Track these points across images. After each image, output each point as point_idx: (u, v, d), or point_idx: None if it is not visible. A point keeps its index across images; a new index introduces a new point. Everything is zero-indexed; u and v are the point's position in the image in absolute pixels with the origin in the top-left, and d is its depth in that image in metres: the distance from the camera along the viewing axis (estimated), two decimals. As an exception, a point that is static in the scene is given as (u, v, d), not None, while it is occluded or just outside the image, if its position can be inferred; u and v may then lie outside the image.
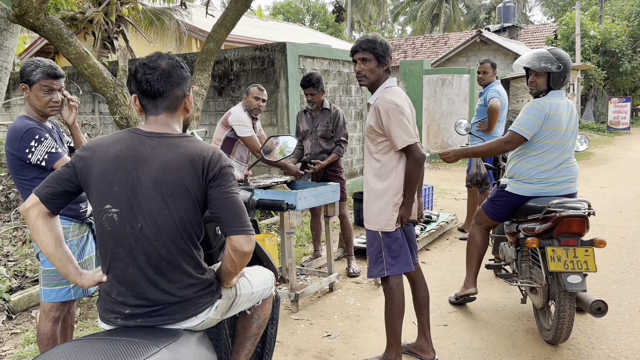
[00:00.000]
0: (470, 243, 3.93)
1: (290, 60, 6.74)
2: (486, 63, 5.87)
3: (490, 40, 19.98)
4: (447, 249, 5.62)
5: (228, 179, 1.75)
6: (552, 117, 3.36)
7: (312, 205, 4.02)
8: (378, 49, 2.85)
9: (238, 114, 4.47)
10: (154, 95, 1.78)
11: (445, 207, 7.68)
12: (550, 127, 3.38)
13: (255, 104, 4.52)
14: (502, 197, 3.64)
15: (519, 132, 3.41)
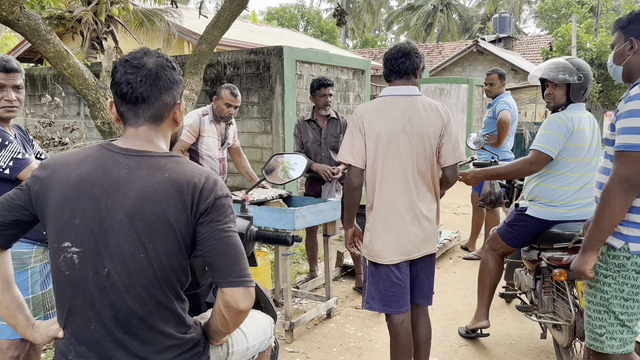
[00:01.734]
0: (482, 270, 3.57)
1: (287, 65, 6.39)
2: (493, 74, 5.53)
3: (487, 50, 19.79)
4: (451, 270, 5.27)
5: (224, 213, 1.37)
6: (575, 132, 3.04)
7: (311, 225, 3.66)
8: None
9: (190, 115, 4.07)
10: (135, 100, 1.39)
11: (446, 223, 7.34)
12: (575, 144, 3.05)
13: (226, 111, 4.04)
14: (522, 222, 3.30)
15: (544, 151, 3.06)
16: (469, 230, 6.04)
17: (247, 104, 6.77)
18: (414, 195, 2.54)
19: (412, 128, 2.51)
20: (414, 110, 2.53)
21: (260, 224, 3.63)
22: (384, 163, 2.52)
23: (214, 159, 4.18)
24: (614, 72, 2.27)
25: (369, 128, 2.52)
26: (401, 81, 2.58)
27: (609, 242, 2.16)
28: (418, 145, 2.52)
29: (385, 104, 2.58)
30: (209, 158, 4.14)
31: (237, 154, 4.45)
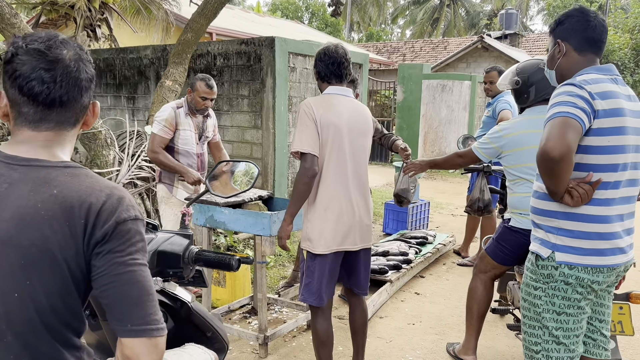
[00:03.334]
0: (470, 297, 3.30)
1: (278, 56, 6.10)
2: (492, 71, 5.23)
3: (492, 47, 19.42)
4: (444, 277, 5.01)
5: (129, 241, 1.08)
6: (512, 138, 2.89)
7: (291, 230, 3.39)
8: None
9: (164, 109, 3.83)
10: (50, 104, 1.13)
11: (442, 225, 7.07)
12: (515, 149, 2.89)
13: (201, 104, 3.80)
14: (510, 235, 3.03)
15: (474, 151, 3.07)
16: (463, 234, 5.76)
17: (237, 97, 6.50)
18: (356, 187, 2.71)
19: (355, 125, 2.71)
20: (354, 110, 2.75)
21: (234, 229, 3.37)
22: (332, 154, 2.62)
23: (192, 154, 3.91)
24: (550, 77, 2.18)
25: (323, 119, 2.59)
26: (340, 84, 2.74)
27: (537, 251, 2.04)
28: (358, 141, 2.72)
29: (333, 100, 2.69)
30: (186, 153, 3.88)
31: (217, 149, 4.18)
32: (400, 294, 4.50)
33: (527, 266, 2.12)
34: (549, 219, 2.01)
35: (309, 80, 6.65)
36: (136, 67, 7.58)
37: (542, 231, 2.04)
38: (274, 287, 4.50)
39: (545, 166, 1.82)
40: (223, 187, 1.66)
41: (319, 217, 2.67)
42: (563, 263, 1.96)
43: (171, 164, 3.75)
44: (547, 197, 1.97)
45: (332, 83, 2.72)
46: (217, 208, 3.39)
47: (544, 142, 1.81)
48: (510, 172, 2.98)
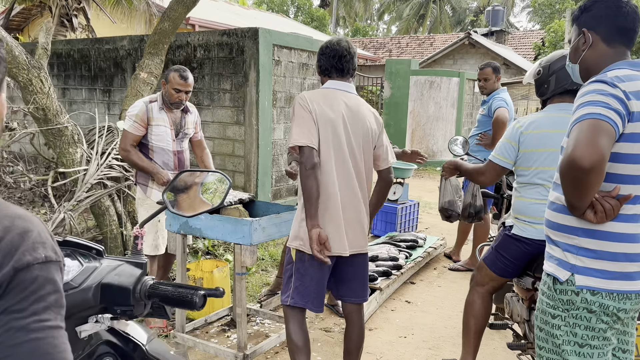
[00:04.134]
0: (467, 312, 3.03)
1: (262, 49, 5.78)
2: (487, 68, 4.96)
3: (479, 43, 19.27)
4: (435, 283, 4.75)
5: (33, 295, 0.76)
6: (530, 136, 2.64)
7: (273, 238, 3.10)
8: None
9: (135, 104, 3.54)
10: None
11: (432, 226, 6.83)
12: (531, 149, 2.63)
13: (175, 97, 3.48)
14: (511, 244, 2.77)
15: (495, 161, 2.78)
16: (455, 236, 5.51)
17: (219, 91, 6.16)
18: (356, 188, 2.52)
19: (355, 123, 2.50)
20: (355, 107, 2.53)
21: (211, 236, 3.06)
22: (330, 150, 2.43)
23: (167, 151, 3.59)
24: (572, 72, 1.89)
25: (320, 113, 2.42)
26: (342, 78, 2.57)
27: (553, 273, 1.75)
28: (358, 141, 2.51)
29: (330, 94, 2.52)
30: (160, 150, 3.56)
31: (199, 148, 3.87)
32: (390, 302, 4.24)
33: (542, 289, 1.85)
34: (567, 236, 1.74)
35: (294, 74, 6.34)
36: (112, 59, 7.20)
37: (559, 249, 1.76)
38: (256, 295, 4.20)
39: (572, 176, 1.54)
40: (190, 200, 1.35)
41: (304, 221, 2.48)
42: (585, 288, 1.69)
43: (142, 163, 3.46)
44: (566, 210, 1.70)
45: (333, 77, 2.56)
46: (192, 213, 3.08)
47: (571, 148, 1.53)
48: (522, 173, 2.72)
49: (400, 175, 6.07)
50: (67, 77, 7.82)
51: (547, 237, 1.85)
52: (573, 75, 1.88)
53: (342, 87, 2.55)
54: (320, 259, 2.35)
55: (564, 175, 1.57)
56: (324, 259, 2.36)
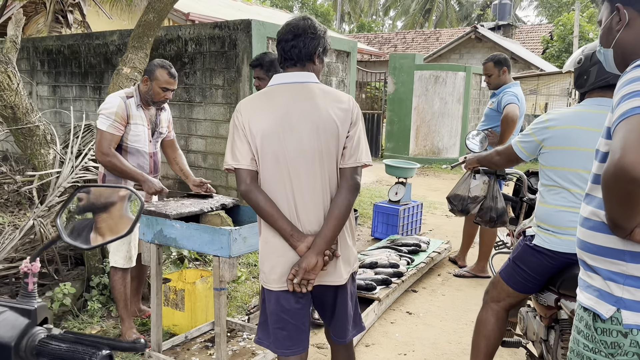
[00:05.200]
0: (478, 331, 2.70)
1: (256, 42, 5.46)
2: (488, 63, 4.59)
3: (486, 38, 18.86)
4: (439, 291, 4.43)
5: None
6: (558, 131, 2.38)
7: (256, 249, 2.78)
8: None
9: (111, 100, 3.18)
10: None
11: (436, 228, 6.50)
12: (559, 146, 2.37)
13: (161, 95, 3.23)
14: (532, 256, 2.45)
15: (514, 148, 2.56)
16: (460, 238, 5.18)
17: (211, 87, 5.86)
18: (308, 208, 2.04)
19: (300, 121, 2.01)
20: (304, 99, 2.04)
21: (187, 247, 2.76)
22: (264, 167, 2.04)
23: (143, 153, 3.29)
24: (605, 58, 1.53)
25: (252, 125, 2.01)
26: (295, 68, 2.10)
27: (593, 308, 1.39)
28: (309, 143, 2.01)
29: (268, 95, 2.08)
30: (136, 152, 3.26)
31: (171, 148, 3.57)
32: (390, 313, 3.92)
33: (577, 327, 1.48)
34: (610, 261, 1.37)
35: (290, 69, 6.02)
36: (102, 54, 6.91)
37: (600, 278, 1.40)
38: (245, 306, 3.90)
39: (619, 189, 1.20)
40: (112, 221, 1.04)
41: (266, 246, 2.10)
42: (635, 327, 1.33)
43: (127, 169, 3.12)
44: (606, 229, 1.35)
45: (286, 69, 2.11)
46: (166, 221, 2.78)
47: (619, 153, 1.19)
48: (547, 174, 2.41)
49: (402, 175, 5.75)
50: (58, 74, 7.55)
51: (581, 262, 1.49)
52: (606, 62, 1.51)
53: (290, 78, 2.06)
54: (299, 290, 2.01)
55: (609, 187, 1.22)
56: (303, 289, 2.01)
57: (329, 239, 2.01)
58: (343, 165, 2.06)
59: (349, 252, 2.15)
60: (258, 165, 2.02)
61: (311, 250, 1.99)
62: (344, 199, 2.03)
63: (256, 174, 2.03)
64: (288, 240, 2.01)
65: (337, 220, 2.01)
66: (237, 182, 2.03)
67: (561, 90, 14.29)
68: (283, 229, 2.00)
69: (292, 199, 2.02)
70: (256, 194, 2.00)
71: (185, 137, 6.18)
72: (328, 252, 2.01)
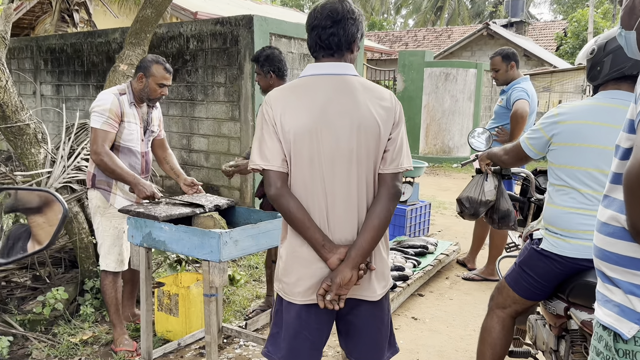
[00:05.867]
0: (483, 340, 2.53)
1: (258, 38, 5.33)
2: (495, 57, 4.37)
3: (498, 34, 18.57)
4: (446, 295, 4.25)
5: None
6: (569, 127, 2.23)
7: (249, 252, 2.64)
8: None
9: (104, 97, 3.04)
10: None
11: (445, 229, 6.31)
12: (569, 143, 2.21)
13: (158, 92, 3.11)
14: (539, 261, 2.28)
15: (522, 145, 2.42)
16: (470, 240, 5.00)
17: (213, 85, 5.73)
18: (335, 215, 1.82)
19: (338, 118, 1.79)
20: (343, 93, 1.81)
21: (176, 251, 2.62)
22: (297, 172, 1.81)
23: (135, 153, 3.16)
24: (627, 42, 1.31)
25: (285, 120, 1.77)
26: (332, 58, 1.86)
27: (613, 327, 1.20)
28: (349, 143, 1.79)
29: (302, 87, 1.84)
30: (128, 152, 3.12)
31: (161, 148, 3.44)
32: (395, 318, 3.75)
33: (595, 348, 1.29)
34: (633, 273, 1.19)
35: (294, 66, 5.88)
36: (105, 53, 6.82)
37: (621, 291, 1.21)
38: (243, 311, 3.76)
39: None
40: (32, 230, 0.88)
41: (293, 254, 1.86)
42: None
43: (118, 169, 2.95)
44: (628, 235, 1.16)
45: (320, 58, 1.87)
46: (155, 223, 2.65)
47: None
48: (556, 173, 2.25)
49: (409, 174, 5.57)
50: (61, 74, 7.48)
51: (599, 273, 1.31)
52: (627, 47, 1.31)
53: (327, 69, 1.83)
54: (332, 307, 1.80)
55: (632, 187, 1.05)
56: (336, 306, 1.80)
57: (366, 251, 1.78)
58: (383, 171, 1.84)
59: (383, 266, 1.92)
60: (289, 166, 1.81)
61: (345, 264, 1.76)
62: (384, 208, 1.81)
63: (287, 176, 1.81)
64: (319, 252, 1.79)
65: (375, 231, 1.79)
66: (266, 185, 1.81)
67: (575, 87, 13.99)
68: (314, 238, 1.78)
69: (324, 204, 1.81)
70: (287, 199, 1.79)
71: (187, 136, 6.06)
72: (363, 266, 1.80)
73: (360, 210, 1.83)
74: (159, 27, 6.12)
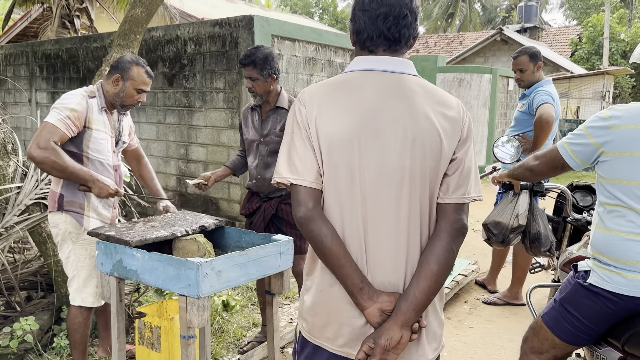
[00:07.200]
0: None
1: (259, 40, 4.95)
2: (521, 56, 3.91)
3: (512, 40, 18.12)
4: (466, 323, 3.81)
5: None
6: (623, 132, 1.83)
7: (235, 285, 2.24)
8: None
9: (69, 96, 2.60)
10: None
11: (462, 244, 5.84)
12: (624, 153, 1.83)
13: (135, 98, 2.70)
14: (585, 298, 1.87)
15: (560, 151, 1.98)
16: (490, 257, 4.55)
17: (211, 91, 5.36)
18: (376, 250, 1.42)
19: (390, 127, 1.39)
20: (398, 96, 1.41)
21: (150, 283, 2.22)
22: (331, 191, 1.42)
23: (107, 167, 2.72)
24: None
25: (318, 128, 1.40)
26: (391, 52, 1.47)
27: None
28: (401, 159, 1.39)
29: (346, 85, 1.45)
30: (99, 165, 2.67)
31: (135, 159, 3.04)
32: (408, 351, 3.32)
33: None
34: None
35: (299, 70, 5.50)
36: (101, 58, 6.48)
37: None
38: (237, 343, 3.35)
39: None
40: None
41: (321, 293, 1.48)
42: None
43: (72, 167, 2.46)
44: None
45: (376, 51, 1.46)
46: (126, 249, 2.25)
47: None
48: (608, 189, 1.85)
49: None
50: (57, 80, 7.17)
51: None
52: None
53: (381, 65, 1.45)
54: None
55: None
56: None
57: (421, 305, 1.39)
58: (445, 200, 1.45)
59: (437, 322, 1.52)
60: (322, 181, 1.44)
61: (394, 320, 1.36)
62: (445, 249, 1.43)
63: (320, 194, 1.44)
64: (354, 297, 1.40)
65: (433, 280, 1.40)
66: (294, 204, 1.43)
67: (594, 93, 13.50)
68: (351, 279, 1.39)
69: (363, 235, 1.42)
70: (320, 225, 1.40)
71: (185, 146, 5.69)
72: (416, 326, 1.40)
73: (410, 247, 1.43)
74: (155, 30, 5.79)
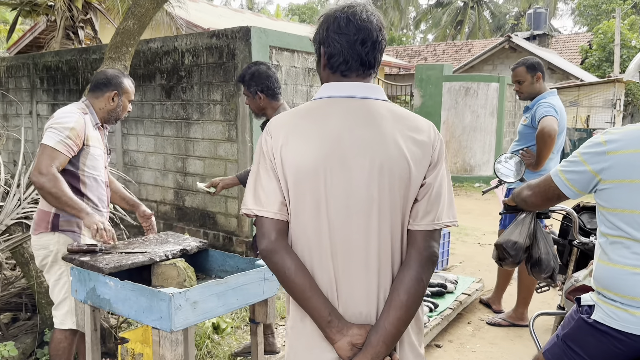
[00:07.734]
0: None
1: (256, 51, 4.84)
2: (518, 68, 3.74)
3: (521, 47, 17.92)
4: (468, 346, 3.64)
5: None
6: (620, 157, 1.69)
7: (213, 316, 2.10)
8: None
9: (66, 114, 2.52)
10: None
11: (466, 259, 5.68)
12: (622, 180, 1.68)
13: (127, 109, 2.77)
14: (590, 335, 1.72)
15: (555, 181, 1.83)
16: (496, 273, 4.37)
17: (209, 103, 5.26)
18: (346, 282, 1.37)
19: (357, 155, 1.35)
20: (366, 122, 1.38)
21: (123, 313, 2.09)
22: (298, 222, 1.39)
23: (101, 184, 2.66)
24: None
25: (283, 159, 1.36)
26: (362, 77, 1.43)
27: None
28: (368, 188, 1.35)
29: (312, 112, 1.42)
30: (94, 182, 2.60)
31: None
32: (406, 378, 3.16)
33: None
34: None
35: (298, 82, 5.38)
36: (99, 70, 6.43)
37: None
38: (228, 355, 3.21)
39: None
40: None
41: (294, 328, 1.44)
42: None
43: (68, 198, 2.38)
44: None
45: (350, 75, 1.42)
46: (99, 277, 2.13)
47: None
48: (608, 219, 1.69)
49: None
50: (57, 92, 7.11)
51: None
52: None
53: (349, 90, 1.41)
54: None
55: None
56: None
57: (392, 337, 1.32)
58: (414, 227, 1.39)
59: (413, 355, 1.43)
60: (289, 212, 1.39)
61: (364, 354, 1.31)
62: (414, 278, 1.35)
63: (286, 225, 1.40)
64: (323, 330, 1.35)
65: (403, 310, 1.33)
66: (258, 236, 1.38)
67: (604, 101, 13.26)
68: (318, 312, 1.34)
69: (331, 267, 1.37)
70: (284, 257, 1.36)
71: (182, 159, 5.58)
72: (388, 359, 1.33)
73: (382, 277, 1.38)
74: (153, 42, 5.70)
